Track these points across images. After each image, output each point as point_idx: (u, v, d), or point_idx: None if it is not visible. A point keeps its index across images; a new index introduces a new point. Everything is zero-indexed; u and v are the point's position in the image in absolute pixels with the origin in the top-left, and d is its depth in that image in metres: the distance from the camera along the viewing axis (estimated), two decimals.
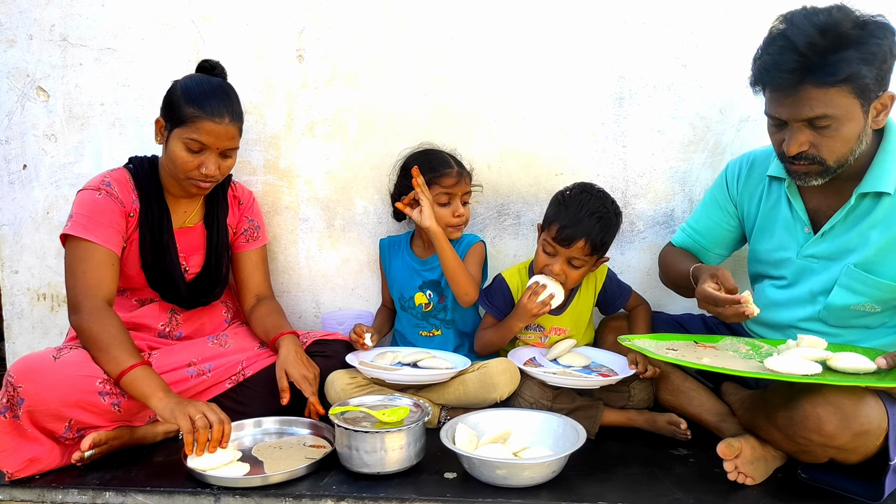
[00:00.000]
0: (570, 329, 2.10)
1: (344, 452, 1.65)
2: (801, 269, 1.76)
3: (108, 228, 1.83)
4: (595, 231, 1.89)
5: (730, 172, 1.94)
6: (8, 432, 1.64)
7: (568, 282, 1.95)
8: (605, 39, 2.20)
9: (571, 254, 1.91)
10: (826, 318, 1.74)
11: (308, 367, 1.90)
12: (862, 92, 1.50)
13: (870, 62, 1.47)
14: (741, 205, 1.91)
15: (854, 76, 1.47)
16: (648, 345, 1.74)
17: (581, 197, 1.93)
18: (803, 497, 1.57)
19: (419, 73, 2.26)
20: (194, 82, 1.87)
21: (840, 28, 1.48)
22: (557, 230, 1.90)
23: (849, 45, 1.47)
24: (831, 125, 1.53)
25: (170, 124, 1.85)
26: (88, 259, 1.79)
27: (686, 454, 1.80)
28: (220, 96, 1.85)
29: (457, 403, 1.93)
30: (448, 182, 2.06)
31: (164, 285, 1.95)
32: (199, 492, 1.59)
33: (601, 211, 1.92)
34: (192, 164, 1.84)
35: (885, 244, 1.63)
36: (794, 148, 1.56)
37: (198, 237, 2.02)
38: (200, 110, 1.81)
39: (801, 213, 1.74)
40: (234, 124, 1.87)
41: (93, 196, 1.85)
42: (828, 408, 1.46)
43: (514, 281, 2.09)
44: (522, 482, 1.58)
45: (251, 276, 2.13)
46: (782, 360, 1.54)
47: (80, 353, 1.75)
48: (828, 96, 1.50)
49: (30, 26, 2.33)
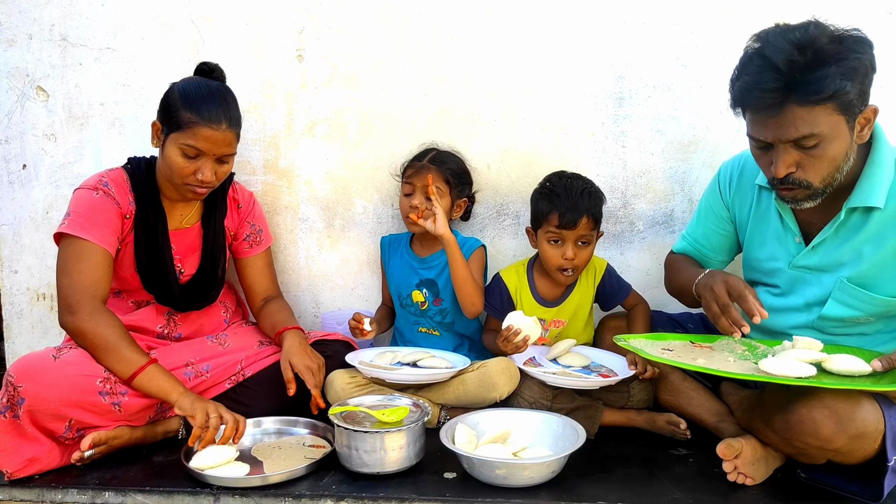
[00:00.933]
0: (569, 322, 2.11)
1: (343, 452, 1.65)
2: (793, 279, 1.74)
3: (105, 228, 1.82)
4: (591, 205, 1.98)
5: (722, 177, 1.90)
6: (8, 432, 1.64)
7: (581, 263, 2.00)
8: (605, 39, 2.20)
9: (578, 233, 1.96)
10: (821, 328, 1.72)
11: (312, 359, 1.90)
12: (846, 108, 1.46)
13: (851, 77, 1.43)
14: (734, 209, 1.88)
15: (838, 93, 1.42)
16: (644, 345, 1.73)
17: (563, 182, 2.01)
18: (803, 497, 1.57)
19: (419, 73, 2.27)
20: (192, 86, 1.84)
21: (817, 44, 1.43)
22: (559, 218, 1.95)
23: (829, 61, 1.42)
24: (819, 144, 1.48)
25: (166, 128, 1.83)
26: (84, 259, 1.78)
27: (685, 454, 1.80)
28: (218, 101, 1.82)
29: (456, 403, 1.93)
30: (408, 172, 2.12)
31: (157, 288, 1.94)
32: (198, 492, 1.59)
33: (587, 187, 2.01)
34: (188, 170, 1.82)
35: (878, 260, 1.60)
36: (783, 170, 1.51)
37: (194, 238, 2.01)
38: (198, 116, 1.78)
39: (792, 224, 1.71)
40: (232, 130, 1.84)
41: (90, 195, 1.84)
42: (823, 411, 1.45)
43: (511, 280, 2.11)
44: (522, 482, 1.58)
45: (258, 280, 2.13)
46: (777, 362, 1.53)
47: (80, 352, 1.75)
48: (812, 115, 1.45)
49: (29, 26, 2.33)
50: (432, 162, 2.10)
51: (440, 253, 2.14)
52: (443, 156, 2.14)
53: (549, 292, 2.11)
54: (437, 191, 2.05)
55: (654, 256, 2.28)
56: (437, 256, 2.16)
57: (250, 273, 2.12)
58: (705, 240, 1.95)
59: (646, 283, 2.27)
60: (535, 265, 2.14)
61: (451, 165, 2.12)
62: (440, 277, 2.15)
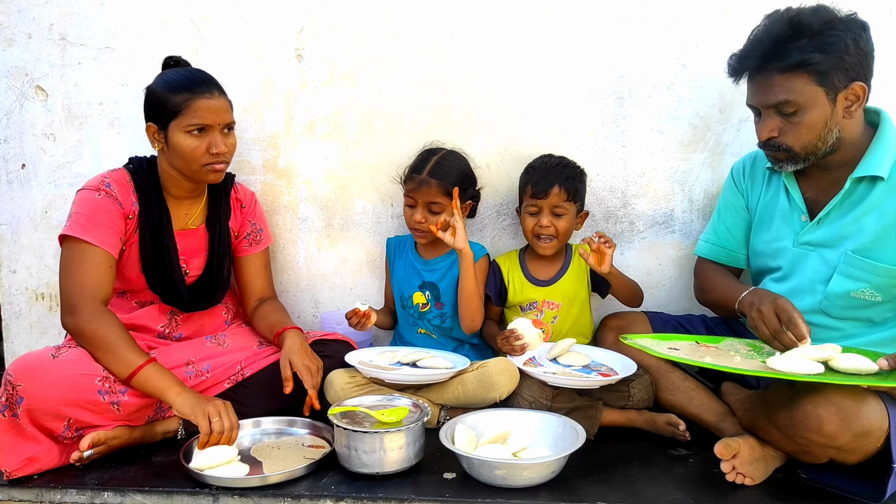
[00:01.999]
0: (564, 306, 2.13)
1: (343, 452, 1.65)
2: (796, 258, 1.78)
3: (107, 230, 1.82)
4: (564, 176, 2.05)
5: (735, 171, 1.99)
6: (6, 431, 1.64)
7: (560, 234, 2.08)
8: (604, 39, 2.20)
9: (551, 202, 2.04)
10: (827, 309, 1.74)
11: (311, 359, 1.90)
12: (823, 79, 1.60)
13: (824, 50, 1.58)
14: (748, 197, 1.96)
15: (805, 62, 1.59)
16: (651, 344, 1.75)
17: (543, 158, 2.13)
18: (803, 497, 1.57)
19: (419, 73, 2.26)
20: (170, 75, 1.89)
21: (802, 18, 1.61)
22: (532, 187, 2.06)
23: (804, 33, 1.60)
24: (797, 112, 1.64)
25: (163, 122, 1.84)
26: (86, 260, 1.79)
27: (685, 454, 1.80)
28: (201, 76, 1.88)
29: (456, 403, 1.93)
30: (409, 186, 2.09)
31: (164, 288, 1.94)
32: (197, 492, 1.59)
33: (564, 162, 2.11)
34: (201, 149, 1.84)
35: (881, 230, 1.66)
36: (764, 133, 1.69)
37: (200, 240, 2.01)
38: (189, 93, 1.82)
39: (799, 201, 1.78)
40: (224, 97, 1.89)
41: (92, 196, 1.84)
42: (829, 408, 1.46)
43: (504, 263, 2.20)
44: (522, 482, 1.58)
45: (254, 279, 2.13)
46: (784, 359, 1.54)
47: (79, 351, 1.75)
48: (788, 82, 1.62)
49: (28, 25, 2.33)
50: (433, 175, 2.04)
51: (444, 256, 2.15)
52: (444, 164, 2.08)
53: (540, 272, 2.16)
54: (437, 206, 2.05)
55: (654, 256, 2.28)
56: (442, 260, 2.16)
57: (247, 272, 2.12)
58: (728, 235, 2.00)
59: (646, 283, 2.27)
60: (527, 250, 2.21)
61: (452, 177, 2.06)
62: (442, 281, 2.15)
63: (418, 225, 2.07)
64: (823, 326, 1.75)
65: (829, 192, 1.74)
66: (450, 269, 2.14)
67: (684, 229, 2.25)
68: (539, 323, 2.11)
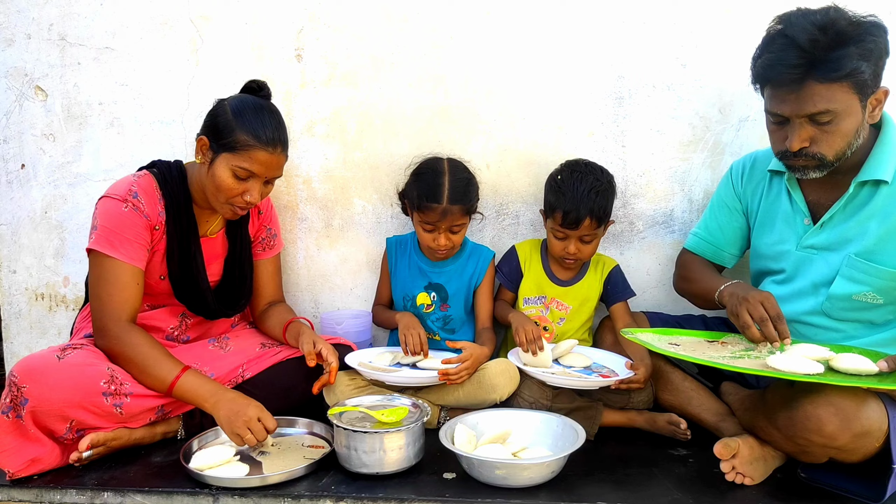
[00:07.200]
0: (574, 310, 2.13)
1: (343, 453, 1.65)
2: (799, 261, 1.78)
3: (134, 244, 1.79)
4: (596, 206, 1.97)
5: (734, 171, 1.98)
6: (10, 432, 1.63)
7: (584, 256, 2.07)
8: (604, 39, 2.20)
9: (581, 233, 2.00)
10: (829, 311, 1.74)
11: (332, 348, 1.91)
12: (861, 87, 1.56)
13: (867, 58, 1.54)
14: (745, 201, 1.94)
15: (854, 72, 1.53)
16: (651, 339, 1.75)
17: (573, 178, 2.00)
18: (803, 497, 1.57)
19: (418, 73, 2.26)
20: (248, 107, 1.80)
21: (838, 25, 1.54)
22: (562, 217, 1.98)
23: (849, 41, 1.53)
24: (833, 120, 1.57)
25: (217, 146, 1.79)
26: (112, 280, 1.77)
27: (686, 454, 1.80)
28: (275, 124, 1.80)
29: (456, 404, 1.93)
30: (429, 216, 2.00)
31: (189, 296, 1.93)
32: (197, 492, 1.59)
33: (596, 186, 1.99)
34: (236, 191, 1.80)
35: (884, 233, 1.66)
36: (797, 143, 1.60)
37: (218, 247, 2.00)
38: (255, 139, 1.76)
39: (801, 205, 1.78)
40: (285, 154, 1.84)
41: (119, 209, 1.79)
42: (829, 408, 1.46)
43: (524, 250, 2.19)
44: (521, 482, 1.58)
45: (267, 284, 2.12)
46: (785, 358, 1.54)
47: (84, 353, 1.74)
48: (830, 92, 1.55)
49: (28, 25, 2.33)
50: (454, 202, 1.98)
51: (452, 259, 2.15)
52: (458, 185, 2.01)
53: (559, 271, 2.16)
54: (458, 227, 2.03)
55: (654, 256, 2.28)
56: (450, 262, 2.16)
57: (259, 276, 2.11)
58: (719, 232, 2.00)
59: (646, 283, 2.27)
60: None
61: (470, 195, 2.03)
62: (450, 283, 2.14)
63: (442, 248, 2.04)
64: (824, 328, 1.75)
65: (831, 196, 1.73)
66: (459, 273, 2.14)
67: (684, 229, 2.25)
68: (543, 320, 2.12)
